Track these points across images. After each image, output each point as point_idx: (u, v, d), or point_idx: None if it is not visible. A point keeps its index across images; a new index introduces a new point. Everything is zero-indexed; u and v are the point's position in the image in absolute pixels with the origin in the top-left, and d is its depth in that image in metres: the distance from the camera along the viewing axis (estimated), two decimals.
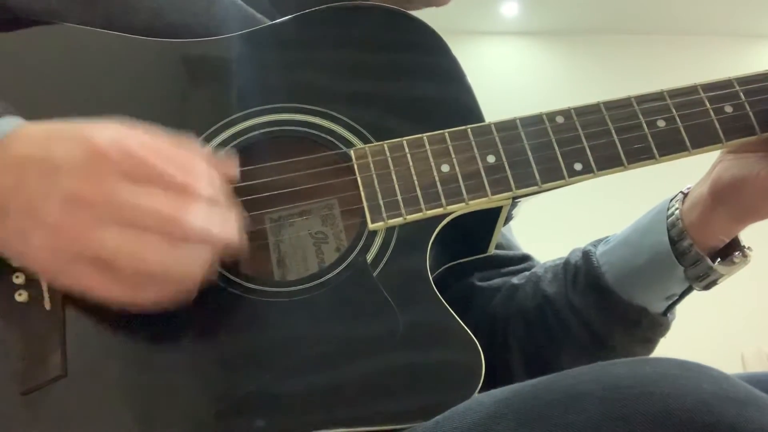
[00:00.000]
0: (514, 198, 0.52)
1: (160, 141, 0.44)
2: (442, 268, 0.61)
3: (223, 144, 0.52)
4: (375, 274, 0.49)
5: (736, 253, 0.59)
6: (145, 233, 0.41)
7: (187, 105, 0.54)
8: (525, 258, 0.76)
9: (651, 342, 0.65)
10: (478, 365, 0.46)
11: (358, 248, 0.50)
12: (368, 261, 0.50)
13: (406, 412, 0.45)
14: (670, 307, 0.64)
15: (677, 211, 0.60)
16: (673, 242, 0.60)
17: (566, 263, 0.68)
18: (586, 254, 0.66)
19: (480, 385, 0.45)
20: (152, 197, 0.41)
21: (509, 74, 3.63)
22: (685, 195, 0.62)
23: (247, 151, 0.52)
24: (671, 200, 0.62)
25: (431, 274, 0.50)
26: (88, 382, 0.44)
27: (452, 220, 0.52)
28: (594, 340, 0.65)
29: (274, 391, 0.45)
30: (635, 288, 0.63)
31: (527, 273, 0.72)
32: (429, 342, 0.48)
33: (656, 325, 0.64)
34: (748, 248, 0.60)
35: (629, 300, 0.63)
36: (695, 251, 0.58)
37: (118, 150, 0.41)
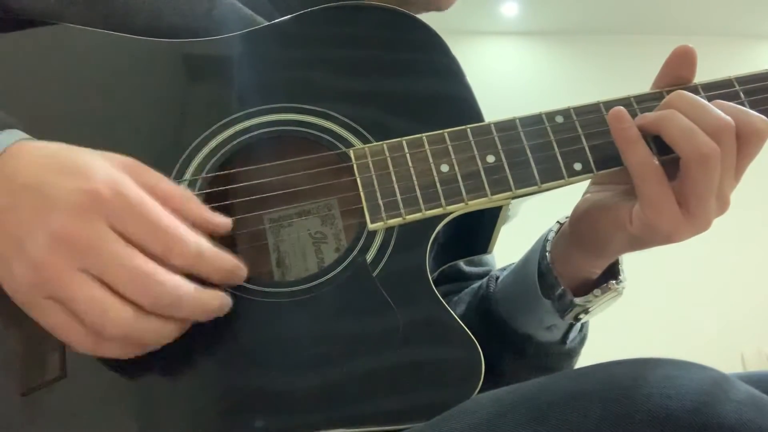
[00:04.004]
0: (513, 198, 0.52)
1: (158, 187, 0.44)
2: (442, 268, 0.61)
3: (223, 144, 0.52)
4: (374, 274, 0.49)
5: (603, 286, 0.57)
6: (117, 291, 0.40)
7: (187, 105, 0.54)
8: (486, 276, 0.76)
9: (549, 369, 0.64)
10: (478, 364, 0.46)
11: (358, 248, 0.50)
12: (368, 261, 0.50)
13: (407, 411, 0.45)
14: (568, 334, 0.62)
15: (548, 244, 0.60)
16: (543, 274, 0.59)
17: (479, 287, 0.68)
18: (490, 279, 0.66)
19: (480, 383, 0.45)
20: (133, 254, 0.40)
21: (509, 74, 3.63)
22: (562, 225, 0.61)
23: (247, 152, 0.52)
24: (551, 230, 0.61)
25: (431, 274, 0.50)
26: (88, 383, 0.44)
27: (452, 220, 0.52)
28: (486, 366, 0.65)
29: (274, 391, 0.45)
30: (518, 316, 0.62)
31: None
32: (429, 341, 0.48)
33: (548, 353, 0.63)
34: (616, 282, 0.57)
35: (515, 327, 0.62)
36: (559, 284, 0.58)
37: (113, 195, 0.40)
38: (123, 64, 0.54)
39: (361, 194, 0.51)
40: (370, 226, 0.50)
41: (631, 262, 0.60)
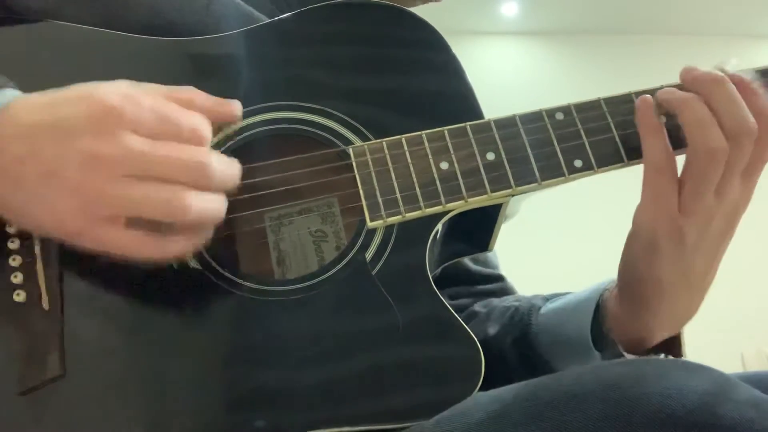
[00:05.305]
0: (513, 195, 0.52)
1: (164, 91, 0.45)
2: (442, 266, 0.61)
3: (222, 142, 0.52)
4: (374, 272, 0.49)
5: (662, 355, 0.55)
6: (171, 182, 0.41)
7: None
8: (499, 278, 0.75)
9: None
10: (478, 362, 0.46)
11: (358, 246, 0.50)
12: (367, 259, 0.49)
13: (407, 410, 0.45)
14: None
15: (606, 293, 0.58)
16: (598, 323, 0.57)
17: (516, 310, 0.67)
18: (531, 309, 0.65)
19: (481, 381, 0.45)
20: (169, 147, 0.41)
21: (509, 74, 3.63)
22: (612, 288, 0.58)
23: (247, 149, 0.52)
24: (605, 288, 0.58)
25: (431, 272, 0.50)
26: (87, 382, 0.44)
27: (452, 217, 0.51)
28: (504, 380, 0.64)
29: (275, 389, 0.45)
30: (559, 357, 0.61)
31: (492, 302, 0.71)
32: (428, 339, 0.48)
33: None
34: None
35: (554, 367, 0.61)
36: (616, 346, 0.55)
37: (127, 102, 0.41)
38: (120, 62, 0.54)
39: (360, 192, 0.51)
40: (370, 224, 0.50)
41: None
